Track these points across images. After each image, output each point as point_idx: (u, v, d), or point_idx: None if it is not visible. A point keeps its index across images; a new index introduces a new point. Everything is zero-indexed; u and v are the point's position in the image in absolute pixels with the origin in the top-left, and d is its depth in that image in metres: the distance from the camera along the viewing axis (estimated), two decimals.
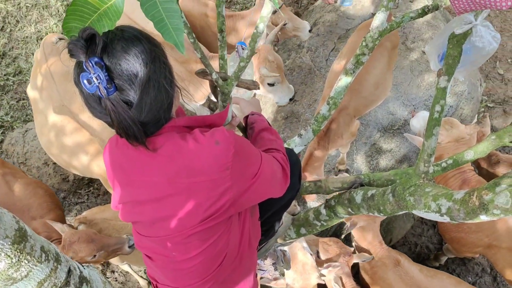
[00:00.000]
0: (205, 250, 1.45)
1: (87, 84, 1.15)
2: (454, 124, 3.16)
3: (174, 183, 1.34)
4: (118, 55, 1.19)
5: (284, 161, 1.65)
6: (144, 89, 1.21)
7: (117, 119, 1.20)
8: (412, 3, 4.28)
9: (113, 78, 1.18)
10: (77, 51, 1.14)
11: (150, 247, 1.53)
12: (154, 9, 1.21)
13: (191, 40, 1.65)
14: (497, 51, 4.70)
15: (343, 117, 3.03)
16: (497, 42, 1.66)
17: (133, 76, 1.20)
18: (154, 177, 1.35)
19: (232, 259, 1.57)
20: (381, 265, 3.19)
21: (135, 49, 1.21)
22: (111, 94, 1.17)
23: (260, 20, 1.67)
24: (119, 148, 1.42)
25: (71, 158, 3.25)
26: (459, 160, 2.00)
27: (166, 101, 1.29)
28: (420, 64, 3.97)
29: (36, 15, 5.25)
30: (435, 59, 1.89)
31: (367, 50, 2.23)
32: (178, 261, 1.48)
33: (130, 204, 1.46)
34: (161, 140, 1.34)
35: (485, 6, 1.29)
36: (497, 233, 3.06)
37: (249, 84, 1.83)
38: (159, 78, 1.26)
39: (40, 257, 1.73)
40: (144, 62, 1.22)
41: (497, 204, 1.32)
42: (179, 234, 1.42)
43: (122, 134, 1.26)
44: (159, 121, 1.31)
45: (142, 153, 1.34)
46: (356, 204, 1.96)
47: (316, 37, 4.30)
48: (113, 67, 1.18)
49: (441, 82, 1.72)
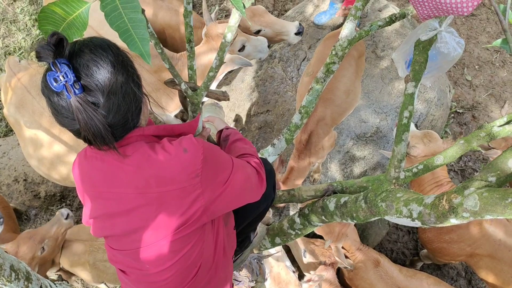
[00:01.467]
0: (178, 261, 1.43)
1: (54, 83, 1.14)
2: (433, 138, 3.18)
3: (143, 193, 1.32)
4: (85, 57, 1.19)
5: (259, 165, 1.65)
6: (112, 90, 1.21)
7: (84, 120, 1.18)
8: (380, 12, 4.34)
9: (80, 79, 1.17)
10: (45, 53, 1.14)
11: (123, 261, 1.50)
12: (118, 19, 1.19)
13: (159, 51, 1.64)
14: (464, 58, 4.81)
15: (321, 128, 3.04)
16: (461, 48, 1.69)
17: (101, 77, 1.19)
18: (123, 188, 1.33)
19: (207, 269, 1.55)
20: (362, 266, 3.23)
21: (103, 52, 1.22)
22: (78, 94, 1.15)
23: (227, 29, 1.67)
24: (87, 160, 1.40)
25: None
26: (430, 165, 2.03)
27: (134, 104, 1.29)
28: (390, 72, 4.03)
29: (4, 29, 5.16)
30: (403, 66, 1.91)
31: (337, 59, 2.25)
32: (152, 274, 1.46)
33: (100, 218, 1.43)
34: (130, 150, 1.32)
35: (447, 12, 1.31)
36: (478, 242, 3.10)
37: (219, 95, 1.82)
38: (127, 80, 1.26)
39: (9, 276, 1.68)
40: (111, 64, 1.22)
41: (466, 207, 1.34)
42: (151, 245, 1.39)
43: (90, 138, 1.23)
44: (127, 124, 1.29)
45: (111, 164, 1.33)
46: (330, 211, 1.96)
47: (287, 47, 4.32)
48: (81, 68, 1.18)
49: (409, 88, 1.74)
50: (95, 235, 1.50)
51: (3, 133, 4.58)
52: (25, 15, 5.21)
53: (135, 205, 1.34)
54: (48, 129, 3.18)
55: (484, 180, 1.42)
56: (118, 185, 1.34)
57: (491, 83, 4.76)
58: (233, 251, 1.78)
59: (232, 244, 1.77)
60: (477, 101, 4.66)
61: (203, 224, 1.45)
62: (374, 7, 4.39)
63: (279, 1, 5.37)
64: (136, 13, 1.20)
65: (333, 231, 3.08)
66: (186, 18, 1.68)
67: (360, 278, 3.22)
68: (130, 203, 1.34)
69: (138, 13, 1.20)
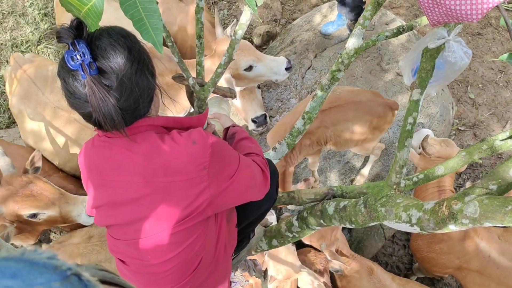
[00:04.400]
0: (180, 253, 1.43)
1: (71, 61, 1.17)
2: (451, 144, 3.25)
3: (150, 182, 1.33)
4: (104, 41, 1.22)
5: (264, 164, 1.66)
6: (126, 74, 1.23)
7: (96, 101, 1.19)
8: (388, 25, 4.37)
9: (97, 60, 1.20)
10: (65, 34, 1.17)
11: (125, 251, 1.50)
12: (133, 8, 1.21)
13: (169, 44, 1.65)
14: (468, 76, 4.83)
15: (305, 139, 3.07)
16: (468, 58, 1.71)
17: (117, 61, 1.22)
18: (130, 176, 1.34)
19: (208, 264, 1.55)
20: (356, 274, 3.22)
21: (121, 38, 1.25)
22: (93, 74, 1.18)
23: (238, 27, 1.69)
24: (95, 149, 1.41)
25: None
26: (430, 175, 2.04)
27: (146, 91, 1.30)
28: (394, 85, 4.05)
29: (12, 22, 5.18)
30: (409, 74, 1.92)
31: (342, 67, 2.27)
32: (153, 265, 1.46)
33: (105, 207, 1.44)
34: (139, 139, 1.33)
35: (457, 18, 1.32)
36: (468, 256, 3.10)
37: (226, 91, 1.83)
38: (142, 67, 1.28)
39: None
40: (128, 50, 1.24)
41: (466, 214, 1.35)
42: (155, 235, 1.40)
43: (100, 120, 1.24)
44: (137, 110, 1.31)
45: (119, 153, 1.34)
46: (328, 215, 1.97)
47: (293, 55, 4.34)
48: (98, 50, 1.20)
49: (414, 95, 1.76)
50: (98, 224, 1.50)
51: (6, 124, 4.59)
52: (34, 9, 5.24)
53: (141, 194, 1.35)
54: (50, 121, 3.20)
55: (485, 187, 1.43)
56: (125, 174, 1.35)
57: (494, 103, 4.78)
58: (233, 248, 1.79)
59: (232, 242, 1.77)
60: (479, 119, 4.67)
61: (207, 217, 1.45)
62: (382, 20, 4.43)
63: (287, 10, 5.41)
64: (150, 3, 1.21)
65: (325, 235, 3.11)
66: (197, 14, 1.70)
67: (354, 286, 3.21)
68: (137, 192, 1.35)
69: (152, 3, 1.21)
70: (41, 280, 0.52)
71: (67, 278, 0.54)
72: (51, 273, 0.53)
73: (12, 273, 0.52)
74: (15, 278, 0.51)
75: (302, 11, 5.33)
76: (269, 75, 3.31)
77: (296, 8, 5.40)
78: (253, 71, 3.23)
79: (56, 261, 0.55)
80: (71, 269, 0.55)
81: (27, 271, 0.53)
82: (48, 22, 5.17)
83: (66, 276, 0.54)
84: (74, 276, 0.55)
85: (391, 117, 3.24)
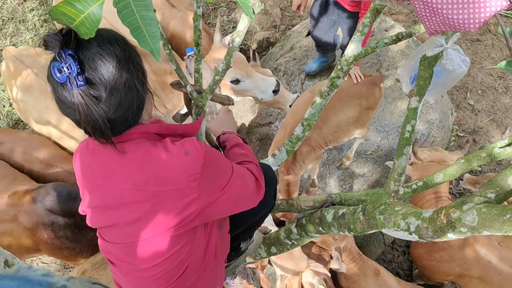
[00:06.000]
0: (167, 259, 1.43)
1: (58, 74, 1.15)
2: (439, 149, 3.26)
3: (140, 190, 1.32)
4: (92, 50, 1.20)
5: (258, 171, 1.65)
6: (115, 86, 1.21)
7: (84, 113, 1.18)
8: (387, 32, 4.38)
9: (85, 71, 1.18)
10: (52, 43, 1.15)
11: (114, 254, 1.50)
12: (130, 16, 1.20)
13: (167, 51, 1.65)
14: (468, 82, 4.83)
15: (304, 147, 3.06)
16: (466, 66, 1.71)
17: (105, 71, 1.20)
18: (121, 183, 1.34)
19: (195, 270, 1.54)
20: (362, 275, 3.23)
21: (110, 47, 1.22)
22: (81, 86, 1.16)
23: (236, 34, 1.69)
24: (89, 152, 1.40)
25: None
26: (429, 182, 2.03)
27: (136, 101, 1.29)
28: (393, 91, 4.05)
29: (12, 28, 5.20)
30: (407, 81, 1.93)
31: (341, 73, 2.27)
32: (141, 269, 1.46)
33: (96, 209, 1.44)
34: (132, 147, 1.33)
35: (454, 28, 1.32)
36: (469, 263, 3.10)
37: (224, 99, 1.83)
38: (131, 77, 1.26)
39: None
40: (117, 59, 1.22)
41: (464, 222, 1.34)
42: (142, 241, 1.40)
43: (88, 130, 1.24)
44: (127, 120, 1.30)
45: (112, 159, 1.33)
46: (327, 222, 1.96)
47: (292, 61, 4.35)
48: (86, 60, 1.18)
49: (412, 103, 1.76)
50: (91, 225, 1.50)
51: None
52: (34, 15, 5.26)
53: (131, 201, 1.34)
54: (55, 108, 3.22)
55: (484, 196, 1.43)
56: (117, 180, 1.34)
57: (493, 109, 4.78)
58: (226, 254, 1.78)
59: (225, 247, 1.76)
60: (478, 125, 4.67)
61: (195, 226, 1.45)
62: (381, 26, 4.43)
63: (287, 16, 5.42)
64: (148, 11, 1.21)
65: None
66: (195, 22, 1.70)
67: (359, 286, 3.22)
68: (127, 198, 1.35)
69: (150, 11, 1.21)
70: None
71: None
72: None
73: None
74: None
75: (302, 17, 5.35)
76: (255, 92, 3.28)
77: (296, 14, 5.42)
78: (239, 85, 3.21)
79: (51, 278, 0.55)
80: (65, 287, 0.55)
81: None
82: (48, 28, 5.17)
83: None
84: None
85: (379, 92, 3.22)
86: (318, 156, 3.32)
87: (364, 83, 3.16)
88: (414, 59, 1.82)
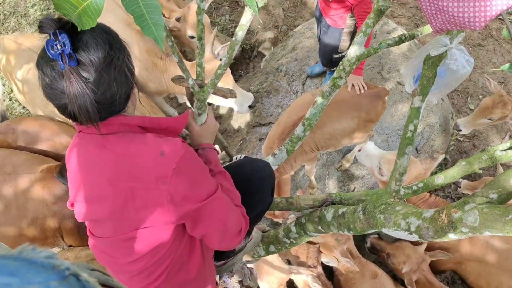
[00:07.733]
0: (145, 256, 1.43)
1: (51, 50, 1.16)
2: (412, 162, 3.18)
3: (113, 185, 1.32)
4: (86, 34, 1.21)
5: (246, 220, 1.58)
6: (105, 68, 1.22)
7: (72, 93, 1.18)
8: (389, 34, 4.38)
9: (77, 51, 1.19)
10: (48, 24, 1.16)
11: (98, 246, 1.52)
12: (134, 4, 1.21)
13: (169, 43, 1.64)
14: (469, 87, 4.83)
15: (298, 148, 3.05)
16: (470, 66, 1.70)
17: (97, 54, 1.21)
18: (96, 177, 1.34)
19: (177, 268, 1.52)
20: (359, 276, 3.23)
21: (103, 35, 1.24)
22: (71, 65, 1.17)
23: (239, 28, 1.67)
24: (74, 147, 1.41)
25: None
26: (430, 184, 2.03)
27: (124, 87, 1.29)
28: (394, 94, 4.04)
29: (14, 23, 5.18)
30: (410, 81, 1.92)
31: (344, 74, 2.25)
32: (121, 264, 1.47)
33: (79, 204, 1.44)
34: (113, 140, 1.32)
35: (460, 26, 1.32)
36: (464, 250, 3.20)
37: (226, 92, 1.82)
38: (121, 63, 1.27)
39: None
40: (109, 45, 1.24)
41: (466, 222, 1.33)
42: (118, 237, 1.40)
43: (75, 111, 1.23)
44: (113, 105, 1.29)
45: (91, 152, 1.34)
46: (327, 221, 1.95)
47: (294, 62, 4.34)
48: (79, 43, 1.20)
49: (415, 102, 1.75)
50: (77, 219, 1.50)
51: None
52: (36, 10, 5.24)
53: (105, 195, 1.34)
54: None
55: (485, 196, 1.42)
56: (93, 173, 1.35)
57: None
58: (212, 251, 1.75)
59: None
60: (478, 130, 4.67)
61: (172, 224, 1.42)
62: (383, 29, 4.43)
63: (289, 17, 5.41)
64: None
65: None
66: (198, 16, 1.69)
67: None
68: (102, 192, 1.35)
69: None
70: (39, 279, 0.52)
71: (66, 278, 0.54)
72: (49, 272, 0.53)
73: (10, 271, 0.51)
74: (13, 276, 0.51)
75: (304, 18, 5.34)
76: (231, 104, 3.40)
77: (298, 15, 5.41)
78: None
79: (55, 260, 0.55)
80: (69, 269, 0.55)
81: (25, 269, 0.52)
82: None
83: (65, 276, 0.54)
84: (72, 276, 0.55)
85: (383, 105, 3.17)
86: (313, 157, 3.31)
87: (367, 95, 3.11)
88: (418, 59, 1.81)
